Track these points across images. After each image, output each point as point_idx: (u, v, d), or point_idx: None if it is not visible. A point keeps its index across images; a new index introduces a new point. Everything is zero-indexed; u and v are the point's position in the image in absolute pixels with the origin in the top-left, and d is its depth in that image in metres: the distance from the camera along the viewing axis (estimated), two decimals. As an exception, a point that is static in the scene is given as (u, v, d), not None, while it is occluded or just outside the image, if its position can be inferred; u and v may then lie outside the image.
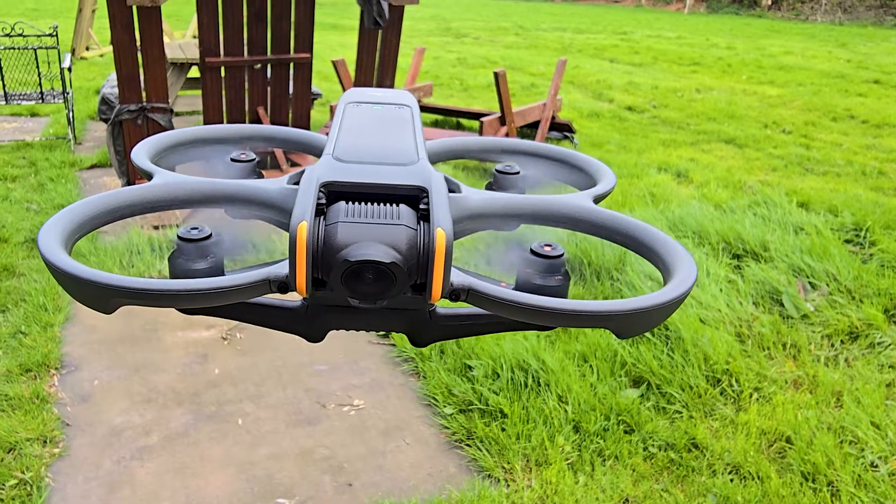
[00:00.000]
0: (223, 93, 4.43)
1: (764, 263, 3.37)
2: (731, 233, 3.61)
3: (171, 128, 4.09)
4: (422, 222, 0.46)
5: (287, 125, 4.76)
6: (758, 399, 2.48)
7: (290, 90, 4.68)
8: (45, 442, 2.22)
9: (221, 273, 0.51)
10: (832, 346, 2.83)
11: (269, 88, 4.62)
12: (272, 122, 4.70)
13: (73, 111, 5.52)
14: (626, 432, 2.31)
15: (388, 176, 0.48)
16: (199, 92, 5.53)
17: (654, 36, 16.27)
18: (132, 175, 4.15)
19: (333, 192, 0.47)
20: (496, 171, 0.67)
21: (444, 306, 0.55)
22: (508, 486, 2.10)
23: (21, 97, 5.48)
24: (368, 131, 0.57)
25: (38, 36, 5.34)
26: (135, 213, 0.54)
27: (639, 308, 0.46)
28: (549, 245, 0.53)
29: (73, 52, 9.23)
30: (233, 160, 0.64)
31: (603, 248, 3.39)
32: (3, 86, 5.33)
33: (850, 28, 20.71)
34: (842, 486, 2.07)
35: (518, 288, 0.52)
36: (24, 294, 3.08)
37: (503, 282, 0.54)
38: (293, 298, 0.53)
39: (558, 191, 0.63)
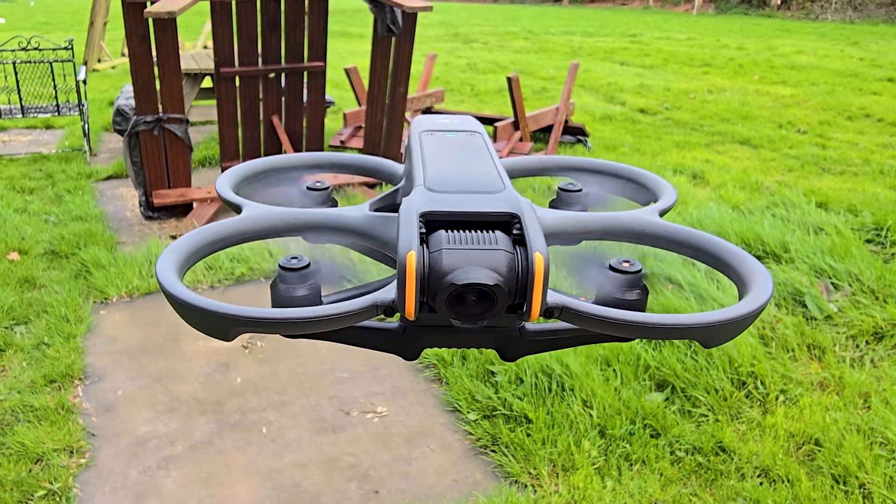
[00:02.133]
0: (238, 102, 4.45)
1: (785, 265, 3.35)
2: (750, 234, 3.59)
3: (187, 138, 4.12)
4: (517, 246, 0.48)
5: (301, 134, 4.79)
6: (784, 401, 2.46)
7: (304, 99, 4.70)
8: (71, 452, 2.23)
9: (319, 299, 0.54)
10: (857, 346, 2.80)
11: (283, 97, 4.64)
12: (287, 131, 4.72)
13: (88, 123, 5.56)
14: (652, 436, 2.30)
15: (480, 204, 0.51)
16: (213, 102, 5.57)
17: (663, 38, 16.23)
18: (148, 186, 4.17)
19: (431, 222, 0.50)
20: (559, 188, 0.69)
21: (530, 323, 0.57)
22: (535, 491, 2.09)
23: (37, 110, 5.52)
24: (452, 160, 0.59)
25: (54, 49, 5.38)
26: (232, 245, 0.58)
27: (726, 320, 0.48)
28: (628, 261, 0.55)
29: (85, 64, 9.31)
30: (309, 189, 0.68)
31: (621, 253, 3.36)
32: (20, 99, 5.38)
33: (861, 26, 20.61)
34: (873, 489, 2.05)
35: (598, 303, 0.54)
36: (45, 305, 3.10)
37: (582, 297, 0.56)
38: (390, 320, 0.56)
39: (619, 207, 0.65)
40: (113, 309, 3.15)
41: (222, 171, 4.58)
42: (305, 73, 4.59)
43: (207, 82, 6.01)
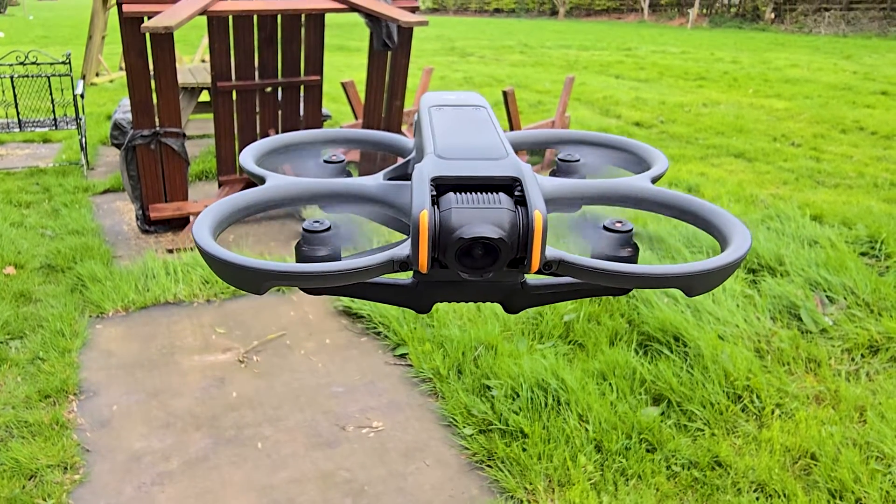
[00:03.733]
0: (235, 116, 4.46)
1: (780, 278, 3.36)
2: (745, 247, 3.59)
3: (184, 152, 4.13)
4: (518, 206, 0.53)
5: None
6: (780, 415, 2.46)
7: (301, 112, 4.71)
8: (65, 468, 2.22)
9: (339, 258, 0.59)
10: (853, 360, 2.81)
11: (279, 111, 4.66)
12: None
13: (85, 137, 5.57)
14: (648, 451, 2.29)
15: (486, 169, 0.56)
16: (210, 115, 5.58)
17: (658, 51, 16.33)
18: (145, 200, 4.18)
19: (442, 185, 0.55)
20: (559, 159, 0.75)
21: (531, 277, 0.62)
22: (531, 507, 2.08)
23: (35, 124, 5.53)
24: (460, 131, 0.64)
25: (52, 63, 5.40)
26: (259, 211, 0.62)
27: (707, 269, 0.53)
28: (620, 221, 0.60)
29: (83, 77, 9.33)
30: (325, 161, 0.72)
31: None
32: (18, 113, 5.38)
33: (855, 39, 20.76)
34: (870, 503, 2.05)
35: (593, 258, 0.59)
36: (41, 320, 3.09)
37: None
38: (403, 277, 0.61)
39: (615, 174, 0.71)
40: (109, 323, 3.15)
41: (219, 185, 4.59)
42: (302, 87, 4.61)
43: (205, 96, 6.03)
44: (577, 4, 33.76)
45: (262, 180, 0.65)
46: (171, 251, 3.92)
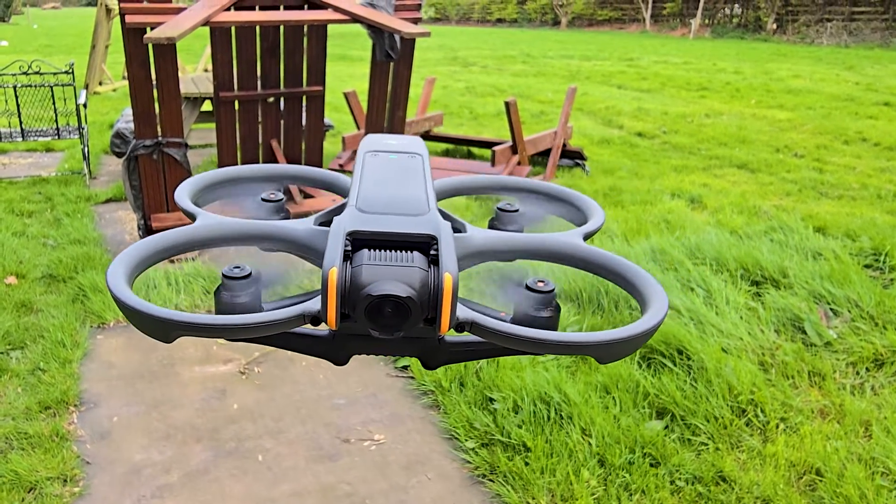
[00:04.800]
0: (237, 126, 4.46)
1: (784, 290, 3.34)
2: (748, 259, 3.58)
3: (186, 161, 4.13)
4: (432, 266, 0.53)
5: (300, 157, 4.80)
6: (785, 430, 2.44)
7: (303, 122, 4.72)
8: (65, 481, 2.20)
9: (259, 304, 0.59)
10: (857, 373, 2.79)
11: (282, 121, 4.66)
12: (285, 155, 4.73)
13: (88, 146, 5.58)
14: (651, 465, 2.27)
15: (403, 225, 0.56)
16: (212, 125, 5.59)
17: (660, 62, 16.37)
18: (147, 210, 4.17)
19: (358, 240, 0.55)
20: (497, 208, 0.75)
21: (450, 334, 0.62)
22: (534, 522, 2.06)
23: (38, 133, 5.54)
24: (386, 182, 0.64)
25: (55, 73, 5.41)
26: (183, 252, 0.62)
27: (616, 339, 0.53)
28: (542, 281, 0.60)
29: (86, 87, 9.35)
30: (263, 200, 0.72)
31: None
32: (21, 122, 5.39)
33: (857, 50, 20.79)
34: (876, 520, 2.03)
35: (515, 318, 0.60)
36: (42, 330, 3.08)
37: (503, 311, 0.63)
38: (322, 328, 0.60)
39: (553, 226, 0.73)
40: (110, 334, 3.14)
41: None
42: (304, 97, 4.62)
43: (207, 105, 6.04)
44: (579, 15, 33.87)
45: (193, 218, 0.66)
46: (172, 261, 3.91)
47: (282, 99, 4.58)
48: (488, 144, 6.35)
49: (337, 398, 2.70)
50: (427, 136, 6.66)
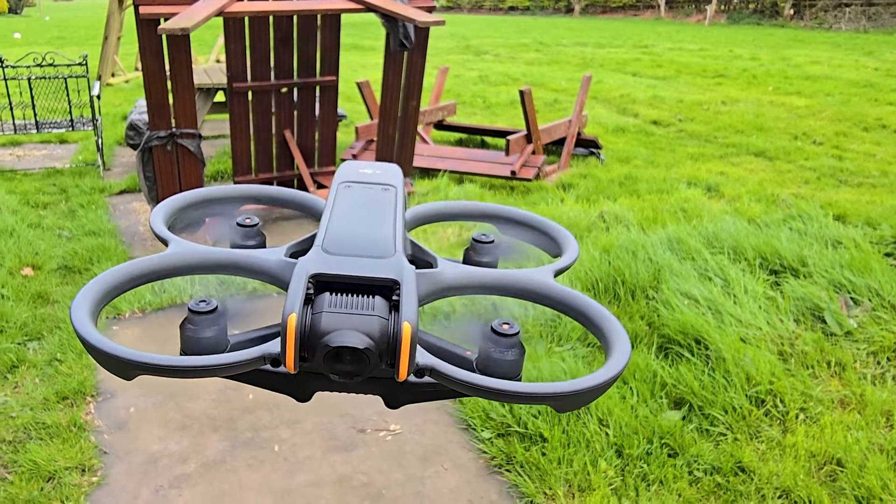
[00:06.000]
0: (250, 117, 4.46)
1: (803, 279, 3.30)
2: (767, 248, 3.54)
3: (200, 152, 4.13)
4: (393, 311, 0.54)
5: (314, 147, 4.79)
6: (804, 420, 2.41)
7: (316, 113, 4.70)
8: (83, 470, 2.21)
9: (225, 339, 0.60)
10: (878, 363, 2.75)
11: (295, 111, 4.65)
12: (298, 145, 4.72)
13: (101, 138, 5.59)
14: (669, 456, 2.25)
15: (366, 269, 0.57)
16: (225, 116, 5.58)
17: (675, 48, 16.20)
18: (161, 201, 4.18)
19: (321, 282, 0.55)
20: (473, 239, 0.76)
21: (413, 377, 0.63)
22: (551, 513, 2.05)
23: (52, 125, 5.56)
24: (354, 221, 0.65)
25: (69, 65, 5.42)
26: (153, 280, 0.63)
27: (575, 390, 0.54)
28: (507, 323, 0.60)
29: (99, 78, 9.38)
30: (239, 225, 0.73)
31: (637, 267, 3.34)
32: (35, 114, 5.41)
33: (876, 35, 20.50)
34: (898, 511, 2.00)
35: (479, 358, 0.61)
36: (58, 321, 3.10)
37: (469, 350, 0.64)
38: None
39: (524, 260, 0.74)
40: (125, 324, 3.15)
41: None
42: (318, 88, 4.60)
43: (220, 96, 6.03)
44: (592, 2, 33.60)
45: (165, 244, 0.67)
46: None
47: (295, 89, 4.56)
48: (502, 133, 6.32)
49: (352, 388, 2.69)
50: (440, 126, 6.63)
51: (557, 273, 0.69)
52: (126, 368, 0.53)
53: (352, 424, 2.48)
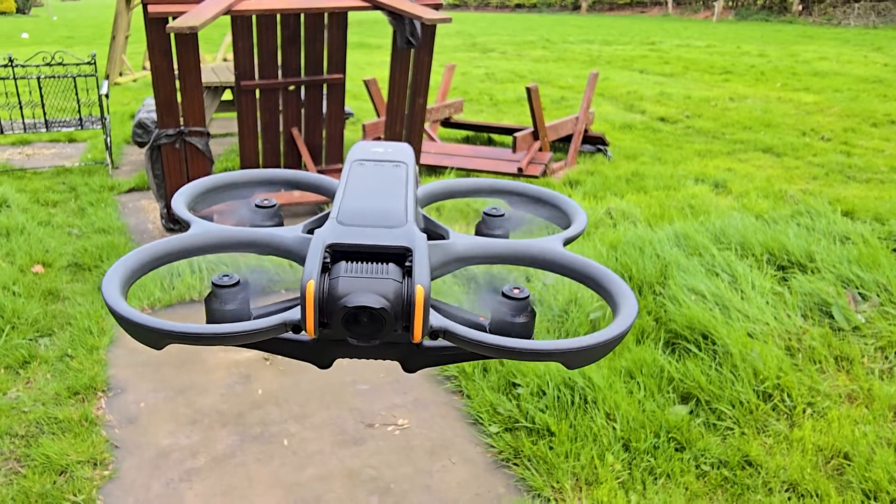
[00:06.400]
0: (258, 115, 4.48)
1: (811, 275, 3.30)
2: (774, 244, 3.54)
3: (208, 150, 4.15)
4: (406, 277, 0.56)
5: (321, 145, 4.81)
6: (812, 414, 2.42)
7: (324, 110, 4.72)
8: (95, 464, 2.23)
9: (248, 311, 0.63)
10: (886, 358, 2.75)
11: (302, 109, 4.67)
12: (306, 142, 4.74)
13: (110, 136, 5.63)
14: (676, 450, 2.26)
15: (380, 238, 0.59)
16: (233, 114, 5.61)
17: (683, 45, 16.16)
18: (169, 199, 4.20)
19: (337, 252, 0.58)
20: (484, 213, 0.78)
21: (428, 340, 0.65)
22: (559, 506, 2.06)
23: (61, 124, 5.59)
24: (367, 194, 0.67)
25: (78, 64, 5.46)
26: (178, 259, 0.65)
27: (583, 346, 0.56)
28: (518, 288, 0.62)
29: (107, 77, 9.43)
30: (257, 206, 0.76)
31: (644, 263, 3.34)
32: (44, 113, 5.45)
33: (885, 31, 20.38)
34: (906, 505, 2.00)
35: (492, 323, 0.63)
36: (69, 318, 3.13)
37: (482, 316, 0.66)
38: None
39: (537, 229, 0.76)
40: (135, 321, 3.17)
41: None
42: (325, 86, 4.62)
43: (227, 95, 6.06)
44: (599, -1, 33.50)
45: (187, 225, 0.69)
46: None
47: (302, 87, 4.58)
48: (509, 131, 6.32)
49: (361, 384, 2.71)
50: (447, 123, 6.64)
51: (567, 242, 0.71)
52: (157, 337, 0.56)
53: (360, 419, 2.50)
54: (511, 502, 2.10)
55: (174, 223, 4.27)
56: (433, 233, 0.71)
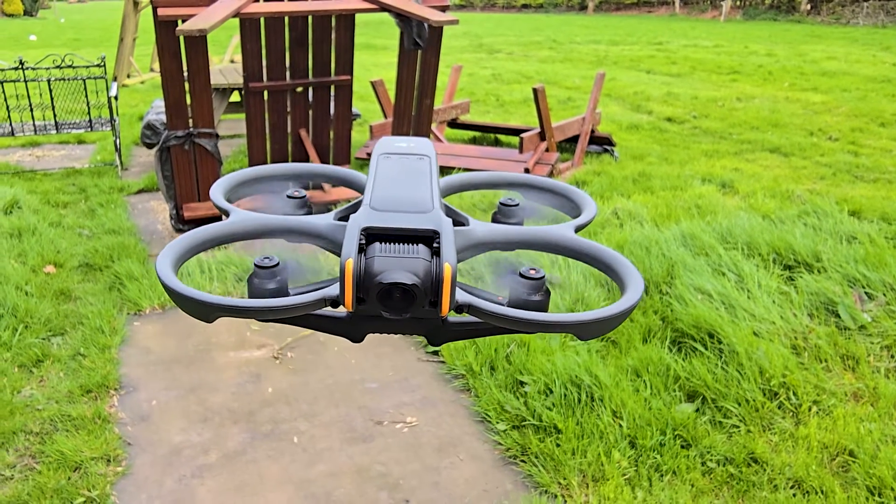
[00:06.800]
0: (266, 116, 4.51)
1: (817, 274, 3.31)
2: (781, 244, 3.55)
3: (217, 152, 4.19)
4: (434, 257, 0.61)
5: (328, 146, 4.85)
6: (817, 412, 2.43)
7: (331, 112, 4.75)
8: (108, 461, 2.27)
9: (286, 290, 0.68)
10: (892, 357, 2.76)
11: (310, 111, 4.70)
12: (314, 144, 4.78)
13: (119, 138, 5.67)
14: (682, 447, 2.28)
15: (410, 222, 0.65)
16: (241, 116, 5.65)
17: (690, 45, 16.14)
18: (179, 199, 4.24)
19: (371, 235, 0.63)
20: (500, 203, 0.84)
21: (452, 315, 0.69)
22: (566, 501, 2.08)
23: (70, 126, 5.64)
24: (396, 183, 0.73)
25: (87, 66, 5.51)
26: (221, 244, 0.71)
27: (595, 319, 0.61)
28: (534, 269, 0.68)
29: (115, 79, 9.48)
30: (288, 196, 0.82)
31: (650, 262, 3.36)
32: (55, 115, 5.50)
33: (894, 30, 20.30)
34: (911, 502, 2.01)
35: (511, 302, 0.68)
36: (81, 317, 3.16)
37: (500, 296, 0.71)
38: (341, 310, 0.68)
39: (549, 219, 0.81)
40: (146, 320, 3.21)
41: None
42: (332, 87, 4.65)
43: (235, 96, 6.10)
44: (606, -1, 33.47)
45: (226, 214, 0.75)
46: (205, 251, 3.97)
47: (310, 89, 4.61)
48: (515, 132, 6.34)
49: (369, 382, 2.73)
50: (454, 124, 6.66)
51: (578, 229, 0.76)
52: (207, 311, 0.61)
53: (369, 417, 2.53)
54: (518, 498, 2.12)
55: (183, 224, 4.31)
56: (455, 220, 0.76)
